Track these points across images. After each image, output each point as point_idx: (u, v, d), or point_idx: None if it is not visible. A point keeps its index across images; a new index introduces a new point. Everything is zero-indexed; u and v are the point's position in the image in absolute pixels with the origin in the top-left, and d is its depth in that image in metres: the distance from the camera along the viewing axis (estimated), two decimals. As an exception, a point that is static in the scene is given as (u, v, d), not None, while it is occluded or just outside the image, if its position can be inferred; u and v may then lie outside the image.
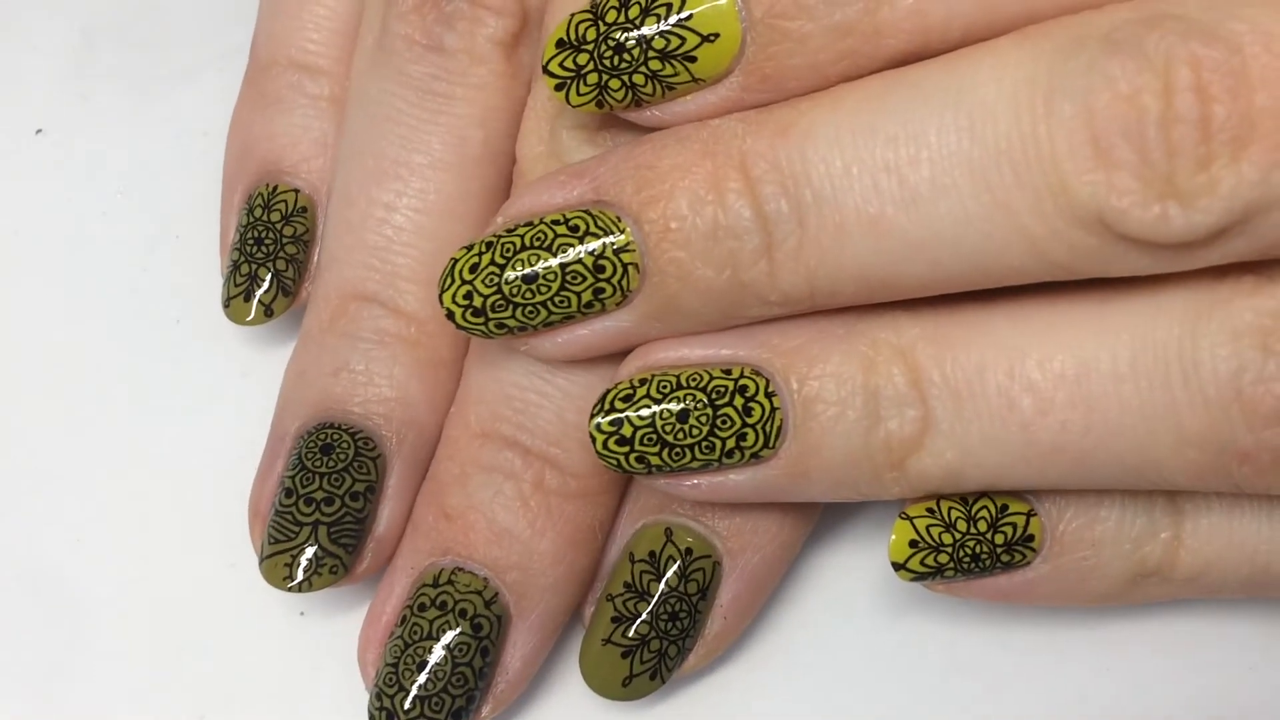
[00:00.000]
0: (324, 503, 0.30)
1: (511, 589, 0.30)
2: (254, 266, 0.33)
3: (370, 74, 0.33)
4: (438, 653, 0.30)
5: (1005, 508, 0.29)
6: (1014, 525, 0.29)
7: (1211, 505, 0.29)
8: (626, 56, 0.28)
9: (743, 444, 0.28)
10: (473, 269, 0.28)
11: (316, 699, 0.33)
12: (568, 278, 0.28)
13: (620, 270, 0.28)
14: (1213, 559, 0.29)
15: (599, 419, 0.28)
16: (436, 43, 0.32)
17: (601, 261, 0.28)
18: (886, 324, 0.28)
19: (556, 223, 0.28)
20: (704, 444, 0.28)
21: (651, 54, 0.28)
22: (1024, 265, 0.26)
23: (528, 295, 0.28)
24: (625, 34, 0.28)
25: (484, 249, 0.28)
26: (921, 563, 0.29)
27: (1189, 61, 0.24)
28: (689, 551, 0.30)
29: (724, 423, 0.28)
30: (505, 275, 0.28)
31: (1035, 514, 0.29)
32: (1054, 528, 0.29)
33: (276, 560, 0.30)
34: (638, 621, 0.30)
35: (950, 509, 0.29)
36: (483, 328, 0.28)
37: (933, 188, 0.25)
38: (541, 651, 0.31)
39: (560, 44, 0.28)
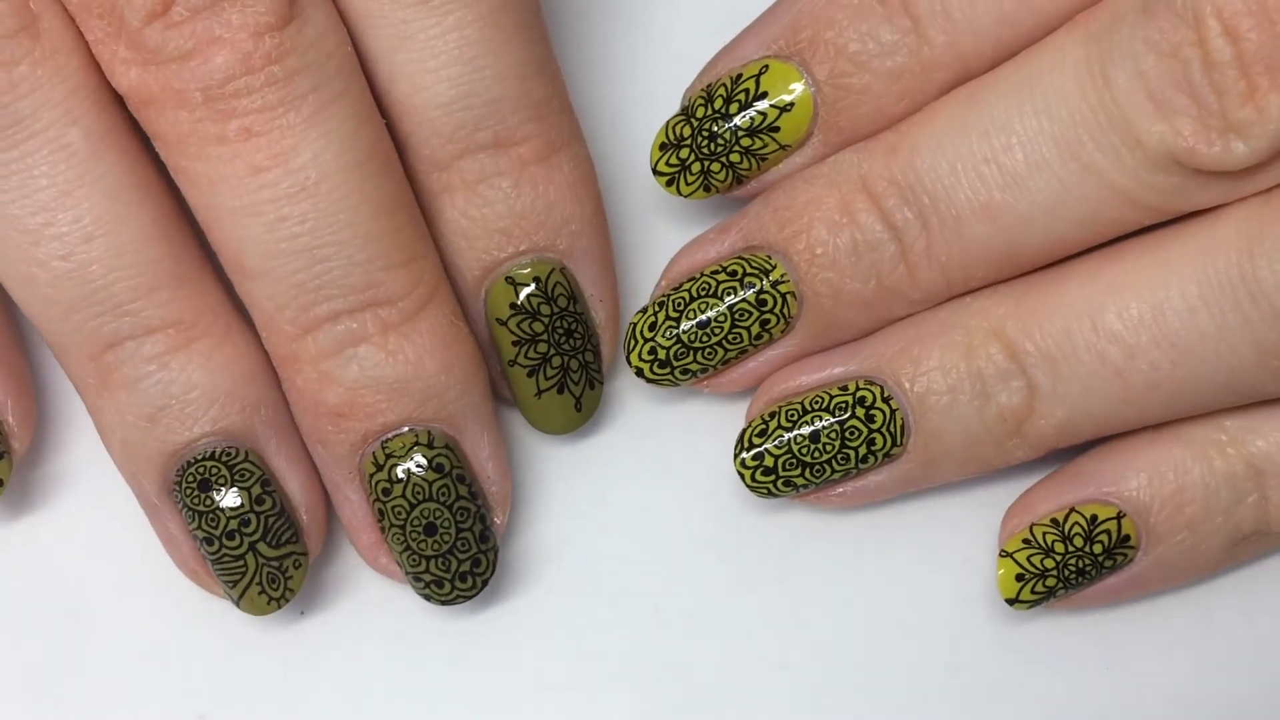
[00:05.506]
0: (242, 525, 0.30)
1: (436, 419, 0.30)
2: None
3: None
4: (430, 512, 0.30)
5: (1095, 518, 0.31)
6: (1109, 532, 0.31)
7: None
8: (721, 141, 0.31)
9: (873, 448, 0.31)
10: (650, 327, 0.31)
11: (316, 699, 0.33)
12: (736, 316, 0.31)
13: (780, 300, 0.31)
14: None
15: (742, 456, 0.31)
16: None
17: (763, 296, 0.31)
18: (975, 311, 0.31)
19: (716, 272, 0.31)
20: (839, 456, 0.31)
21: (741, 133, 0.31)
22: (1122, 215, 0.29)
23: (704, 339, 0.31)
24: (716, 123, 0.31)
25: (657, 308, 0.32)
26: (1032, 591, 0.31)
27: (1214, 9, 0.27)
28: (536, 279, 0.31)
29: (852, 434, 0.31)
30: (681, 325, 0.31)
31: (1125, 514, 0.31)
32: (1145, 523, 0.31)
33: (249, 594, 0.31)
34: (539, 342, 0.32)
35: (1044, 533, 0.31)
36: (669, 377, 0.32)
37: (1028, 166, 0.29)
38: (499, 440, 0.32)
39: (663, 146, 0.32)
